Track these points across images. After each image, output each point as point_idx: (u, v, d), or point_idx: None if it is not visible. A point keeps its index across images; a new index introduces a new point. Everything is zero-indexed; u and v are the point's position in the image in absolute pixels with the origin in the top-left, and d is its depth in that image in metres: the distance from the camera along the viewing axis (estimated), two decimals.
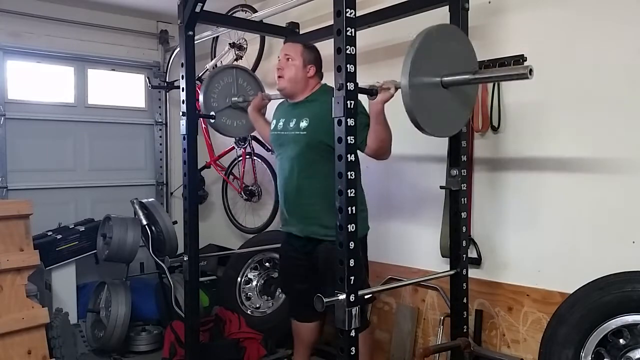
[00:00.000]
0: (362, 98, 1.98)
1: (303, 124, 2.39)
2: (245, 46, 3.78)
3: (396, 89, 1.98)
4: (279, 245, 2.78)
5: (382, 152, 2.26)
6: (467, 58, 2.04)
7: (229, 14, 3.74)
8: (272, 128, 2.61)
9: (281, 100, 2.70)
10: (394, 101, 2.00)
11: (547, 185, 2.34)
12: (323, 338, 2.91)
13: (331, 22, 1.81)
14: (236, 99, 3.09)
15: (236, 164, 3.95)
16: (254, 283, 3.60)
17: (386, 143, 2.23)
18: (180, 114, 2.70)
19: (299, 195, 2.43)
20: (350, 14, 1.77)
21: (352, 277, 1.80)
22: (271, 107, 2.87)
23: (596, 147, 2.19)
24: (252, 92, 3.14)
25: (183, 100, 2.68)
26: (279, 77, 2.47)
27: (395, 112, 1.94)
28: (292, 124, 2.44)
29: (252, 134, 3.73)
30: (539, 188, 2.36)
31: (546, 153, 2.34)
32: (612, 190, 2.14)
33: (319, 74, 2.50)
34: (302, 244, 2.48)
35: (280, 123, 2.52)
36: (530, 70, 1.75)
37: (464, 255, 2.30)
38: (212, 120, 3.00)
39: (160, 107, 4.72)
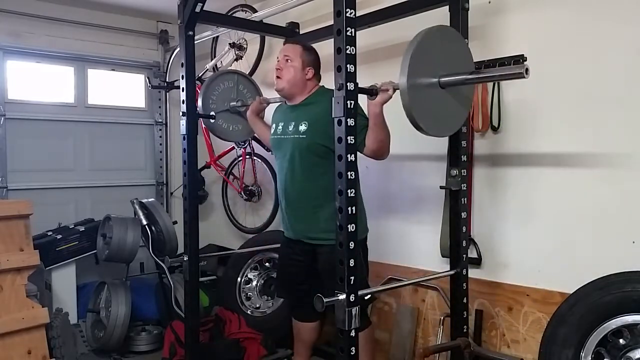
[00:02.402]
0: (361, 98, 1.97)
1: (302, 127, 2.39)
2: (245, 46, 3.78)
3: (394, 90, 1.98)
4: (279, 245, 2.78)
5: (381, 153, 2.27)
6: (464, 59, 2.05)
7: (229, 14, 3.74)
8: (271, 132, 2.61)
9: (279, 103, 2.70)
10: (393, 101, 2.00)
11: (547, 185, 2.34)
12: (323, 338, 2.91)
13: (331, 22, 1.81)
14: (235, 103, 3.09)
15: (236, 164, 3.95)
16: (254, 283, 3.60)
17: (385, 143, 2.23)
18: (180, 114, 2.70)
19: (300, 198, 2.44)
20: (350, 14, 1.77)
21: (352, 277, 1.80)
22: (270, 109, 2.87)
23: (596, 147, 2.19)
24: (251, 98, 3.14)
25: (183, 100, 2.68)
26: (278, 77, 2.47)
27: (395, 111, 1.94)
28: (291, 127, 2.45)
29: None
30: (539, 188, 2.37)
31: (546, 153, 2.34)
32: (612, 190, 2.14)
33: (318, 76, 2.51)
34: (303, 247, 2.49)
35: (280, 127, 2.53)
36: (527, 70, 1.76)
37: (464, 255, 2.30)
38: (212, 121, 3.00)
39: (160, 107, 4.72)
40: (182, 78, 2.67)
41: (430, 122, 1.92)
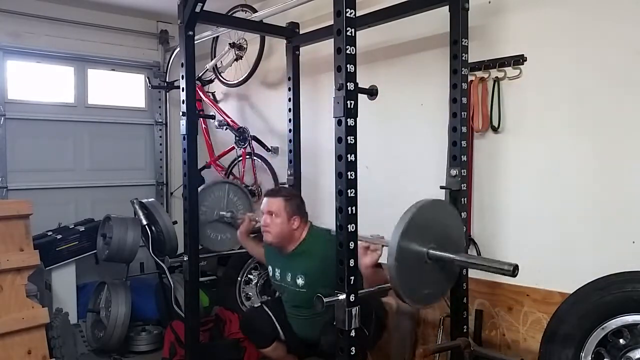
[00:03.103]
0: (362, 98, 1.97)
1: (300, 281, 2.46)
2: (245, 46, 3.78)
3: (383, 247, 1.99)
4: None
5: None
6: (456, 234, 2.03)
7: (229, 14, 3.74)
8: (270, 274, 2.69)
9: None
10: (399, 101, 2.00)
11: (546, 185, 2.34)
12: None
13: (331, 22, 1.81)
14: (224, 213, 3.07)
15: (236, 164, 3.95)
16: (254, 283, 3.60)
17: (382, 282, 2.20)
18: (180, 114, 2.70)
19: (307, 324, 2.53)
20: (350, 14, 1.77)
21: (352, 277, 1.80)
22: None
23: (596, 147, 2.18)
24: (242, 207, 3.15)
25: (183, 100, 2.68)
26: (266, 232, 2.52)
27: (395, 111, 1.93)
28: (289, 279, 2.52)
29: (252, 134, 3.75)
30: (539, 187, 2.36)
31: (546, 153, 2.34)
32: (612, 190, 2.14)
33: (304, 219, 2.54)
34: None
35: (277, 273, 2.61)
36: (515, 268, 1.72)
37: None
38: (213, 121, 2.99)
39: (160, 107, 4.72)
40: (182, 78, 2.67)
41: (413, 292, 1.89)
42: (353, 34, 1.78)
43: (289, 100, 3.16)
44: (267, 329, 2.62)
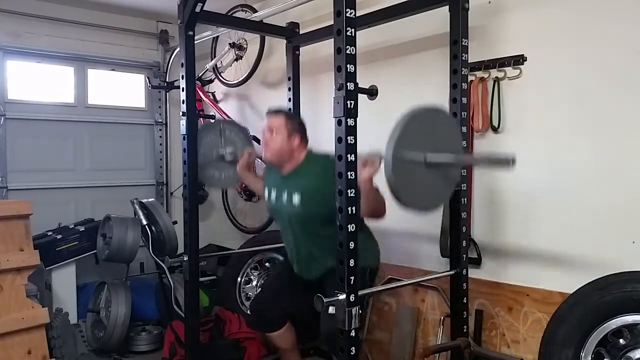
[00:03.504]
0: (362, 98, 1.97)
1: (295, 199, 2.41)
2: (245, 46, 3.78)
3: (381, 161, 1.97)
4: (279, 245, 2.78)
5: (377, 216, 2.26)
6: (452, 139, 2.03)
7: (229, 14, 3.74)
8: (265, 197, 2.62)
9: None
10: (394, 102, 2.00)
11: (546, 184, 2.34)
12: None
13: (331, 22, 1.81)
14: (223, 151, 3.05)
15: None
16: (254, 283, 3.60)
17: (379, 210, 2.23)
18: (180, 114, 2.70)
19: (307, 258, 2.48)
20: (350, 14, 1.77)
21: (352, 277, 1.80)
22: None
23: (596, 147, 2.19)
24: (239, 142, 3.13)
25: (183, 100, 2.68)
26: (265, 149, 2.49)
27: (396, 111, 1.93)
28: (284, 198, 2.46)
29: (252, 134, 3.74)
30: (539, 187, 2.36)
31: (546, 153, 2.34)
32: (612, 190, 2.14)
33: (304, 140, 2.50)
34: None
35: (273, 195, 2.55)
36: (513, 160, 1.73)
37: (464, 255, 2.30)
38: (214, 120, 3.00)
39: (160, 107, 4.72)
40: (182, 78, 2.67)
41: (412, 199, 1.89)
42: (353, 34, 1.78)
43: (289, 100, 3.16)
44: (274, 310, 2.62)
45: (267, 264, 3.60)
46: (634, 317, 1.91)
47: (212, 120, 3.50)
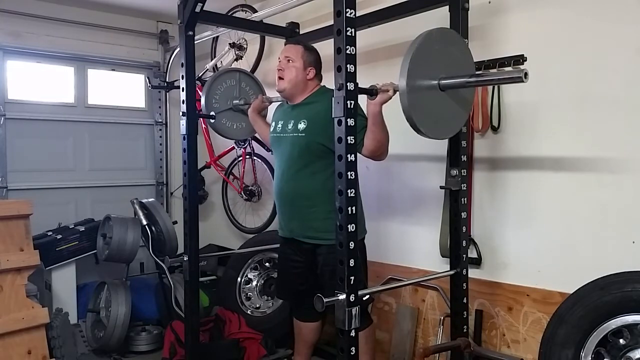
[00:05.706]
0: (361, 98, 1.97)
1: (301, 125, 2.40)
2: (245, 46, 3.78)
3: (394, 91, 1.98)
4: (278, 245, 2.78)
5: (380, 153, 2.27)
6: (464, 61, 2.05)
7: (229, 14, 3.74)
8: (271, 130, 2.63)
9: (280, 102, 2.71)
10: (393, 102, 2.00)
11: (546, 184, 2.34)
12: (323, 338, 2.91)
13: (331, 22, 1.81)
14: (237, 101, 3.10)
15: (236, 164, 3.95)
16: (254, 283, 3.60)
17: (383, 144, 2.24)
18: (180, 114, 2.70)
19: (297, 197, 2.44)
20: (350, 14, 1.77)
21: (352, 277, 1.80)
22: (272, 109, 2.88)
23: (596, 147, 2.19)
24: (254, 95, 3.14)
25: (183, 100, 2.68)
26: (280, 78, 2.48)
27: (395, 112, 1.93)
28: (290, 126, 2.45)
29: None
30: (539, 188, 2.36)
31: (546, 153, 2.34)
32: (612, 189, 2.14)
33: (319, 75, 2.51)
34: (300, 246, 2.49)
35: (279, 125, 2.54)
36: (526, 74, 1.77)
37: (464, 255, 2.30)
38: (212, 121, 3.01)
39: (160, 107, 4.72)
40: (182, 78, 2.67)
41: (429, 124, 1.92)
42: (353, 34, 1.78)
43: None
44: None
45: (267, 264, 3.60)
46: (634, 317, 1.91)
47: (231, 68, 3.51)
